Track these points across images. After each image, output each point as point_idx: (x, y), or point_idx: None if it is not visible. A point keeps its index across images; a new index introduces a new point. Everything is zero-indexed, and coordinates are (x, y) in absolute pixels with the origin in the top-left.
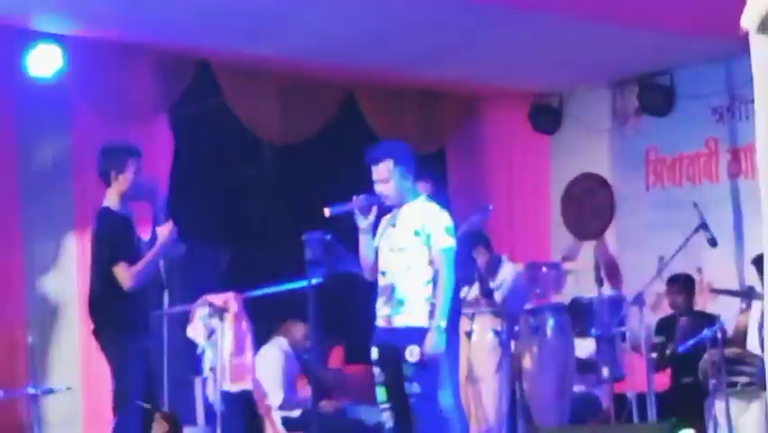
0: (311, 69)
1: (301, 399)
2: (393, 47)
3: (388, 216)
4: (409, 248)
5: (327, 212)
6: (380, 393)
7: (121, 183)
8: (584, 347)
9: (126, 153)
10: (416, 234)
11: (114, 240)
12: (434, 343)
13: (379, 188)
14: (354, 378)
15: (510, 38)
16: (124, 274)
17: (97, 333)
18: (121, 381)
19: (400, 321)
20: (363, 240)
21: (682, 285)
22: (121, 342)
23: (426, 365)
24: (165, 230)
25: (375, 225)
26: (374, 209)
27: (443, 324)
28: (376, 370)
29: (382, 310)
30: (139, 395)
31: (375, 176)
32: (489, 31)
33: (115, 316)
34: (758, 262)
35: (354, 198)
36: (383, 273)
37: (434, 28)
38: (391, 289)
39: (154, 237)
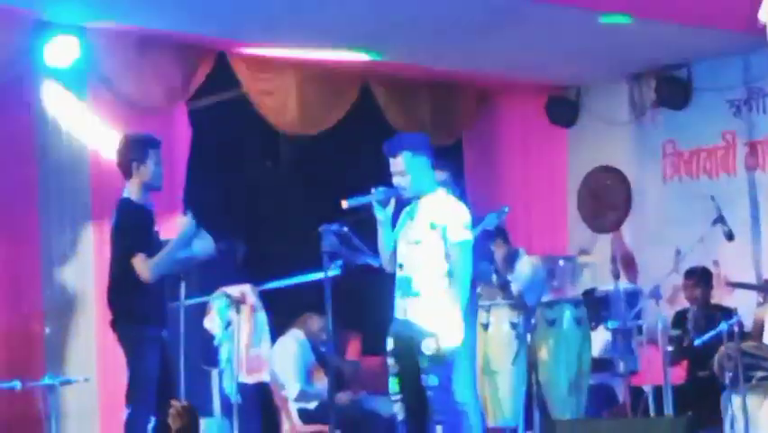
0: (330, 62)
1: (317, 390)
2: (410, 39)
3: (408, 208)
4: (426, 241)
5: (345, 204)
6: (393, 384)
7: (142, 174)
8: (600, 340)
9: (147, 144)
10: (433, 227)
11: (133, 231)
12: (450, 336)
13: (396, 180)
14: (371, 370)
15: (527, 30)
16: (143, 266)
17: (115, 324)
18: (136, 372)
19: (417, 314)
20: (382, 232)
21: (699, 278)
22: (138, 333)
23: (443, 358)
24: (182, 222)
25: (394, 218)
26: (392, 201)
27: (460, 317)
28: (390, 361)
29: (400, 303)
30: (153, 387)
31: (393, 168)
32: (506, 23)
33: (133, 307)
34: None
35: (373, 190)
36: (400, 266)
37: (451, 20)
38: (408, 281)
39: None
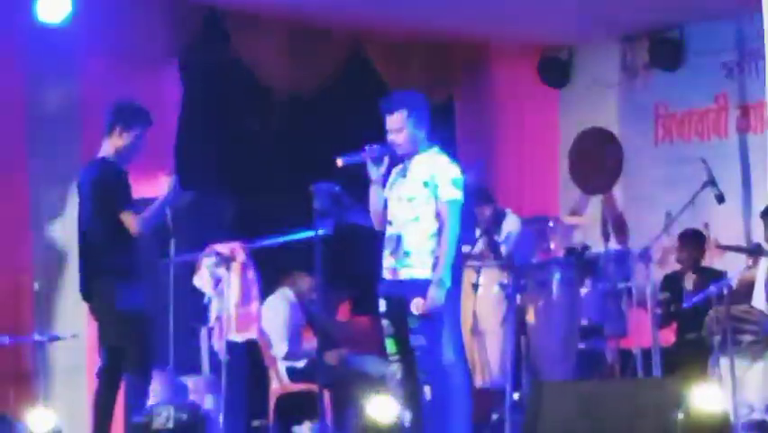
0: (320, 19)
1: (306, 350)
2: None
3: (400, 166)
4: (417, 198)
5: (339, 162)
6: (390, 345)
7: (121, 140)
8: (591, 302)
9: (139, 117)
10: (425, 185)
11: (120, 188)
12: (434, 296)
13: (391, 137)
14: (360, 329)
15: None
16: (132, 220)
17: (93, 280)
18: (133, 333)
19: (405, 273)
20: (374, 191)
21: (692, 240)
22: (121, 289)
23: (430, 318)
24: (168, 182)
25: (386, 177)
26: (386, 160)
27: (445, 277)
28: (385, 322)
29: (388, 261)
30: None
31: (389, 125)
32: None
33: (119, 262)
34: (766, 215)
35: (366, 147)
36: (390, 223)
37: None
38: (397, 239)
39: None
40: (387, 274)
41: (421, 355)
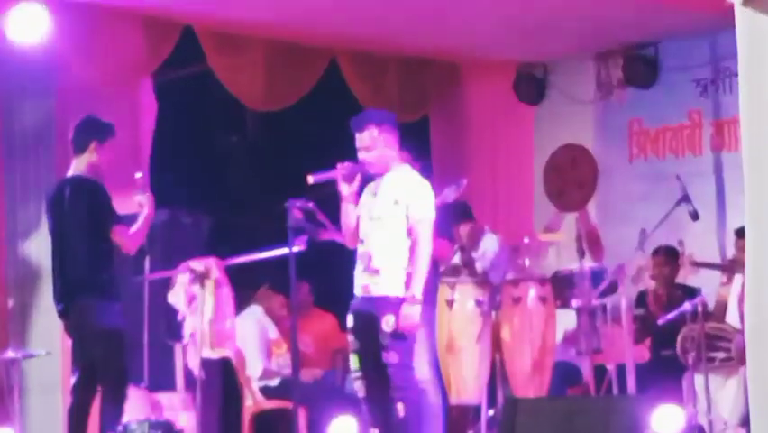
0: (295, 36)
1: (280, 367)
2: (376, 13)
3: (372, 184)
4: (388, 217)
5: (311, 179)
6: (354, 361)
7: (97, 156)
8: (565, 319)
9: (110, 130)
10: (395, 203)
11: (105, 206)
12: (408, 314)
13: (362, 155)
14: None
15: (495, 6)
16: (125, 236)
17: (71, 298)
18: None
19: (377, 290)
20: (345, 208)
21: (666, 257)
22: (100, 307)
23: (403, 335)
24: (145, 201)
25: (358, 194)
26: (357, 177)
27: (419, 295)
28: (350, 338)
29: (360, 279)
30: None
31: (358, 143)
32: None
33: (99, 280)
34: (741, 232)
35: (339, 165)
36: (362, 241)
37: None
38: (369, 257)
39: None
40: (358, 291)
41: (394, 373)
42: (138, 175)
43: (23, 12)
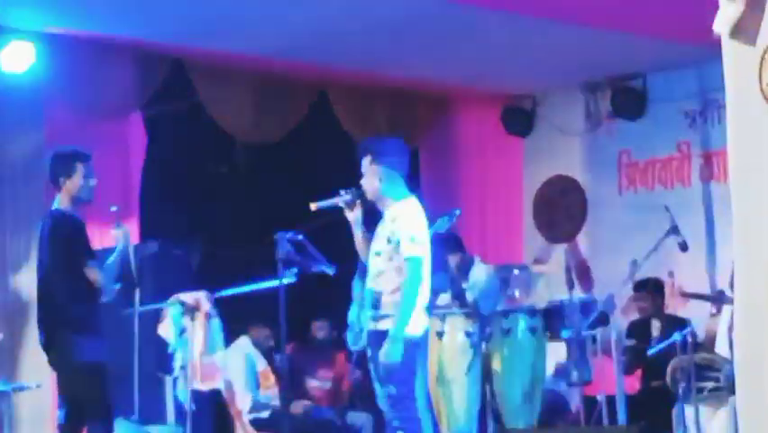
0: (284, 69)
1: (270, 399)
2: (366, 46)
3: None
4: (383, 253)
5: (314, 207)
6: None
7: (69, 188)
8: (555, 350)
9: (74, 158)
10: (389, 241)
11: (79, 241)
12: (386, 351)
13: (362, 182)
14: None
15: (483, 39)
16: (96, 275)
17: (52, 333)
18: (92, 385)
19: (380, 325)
20: (354, 231)
21: (650, 289)
22: (80, 343)
23: (399, 368)
24: (121, 234)
25: (366, 218)
26: (358, 203)
27: (401, 333)
28: (354, 370)
29: (366, 313)
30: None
31: (362, 169)
32: (462, 32)
33: (78, 315)
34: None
35: (341, 192)
36: (368, 275)
37: (407, 28)
38: (372, 292)
39: None
40: (369, 324)
41: (392, 404)
42: (113, 208)
43: (14, 46)
